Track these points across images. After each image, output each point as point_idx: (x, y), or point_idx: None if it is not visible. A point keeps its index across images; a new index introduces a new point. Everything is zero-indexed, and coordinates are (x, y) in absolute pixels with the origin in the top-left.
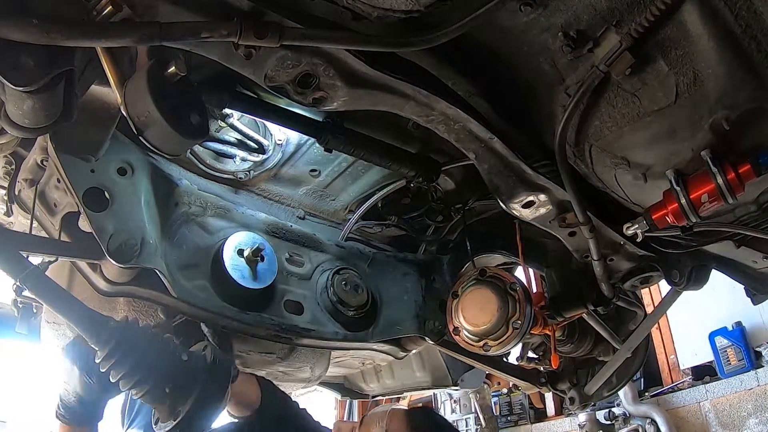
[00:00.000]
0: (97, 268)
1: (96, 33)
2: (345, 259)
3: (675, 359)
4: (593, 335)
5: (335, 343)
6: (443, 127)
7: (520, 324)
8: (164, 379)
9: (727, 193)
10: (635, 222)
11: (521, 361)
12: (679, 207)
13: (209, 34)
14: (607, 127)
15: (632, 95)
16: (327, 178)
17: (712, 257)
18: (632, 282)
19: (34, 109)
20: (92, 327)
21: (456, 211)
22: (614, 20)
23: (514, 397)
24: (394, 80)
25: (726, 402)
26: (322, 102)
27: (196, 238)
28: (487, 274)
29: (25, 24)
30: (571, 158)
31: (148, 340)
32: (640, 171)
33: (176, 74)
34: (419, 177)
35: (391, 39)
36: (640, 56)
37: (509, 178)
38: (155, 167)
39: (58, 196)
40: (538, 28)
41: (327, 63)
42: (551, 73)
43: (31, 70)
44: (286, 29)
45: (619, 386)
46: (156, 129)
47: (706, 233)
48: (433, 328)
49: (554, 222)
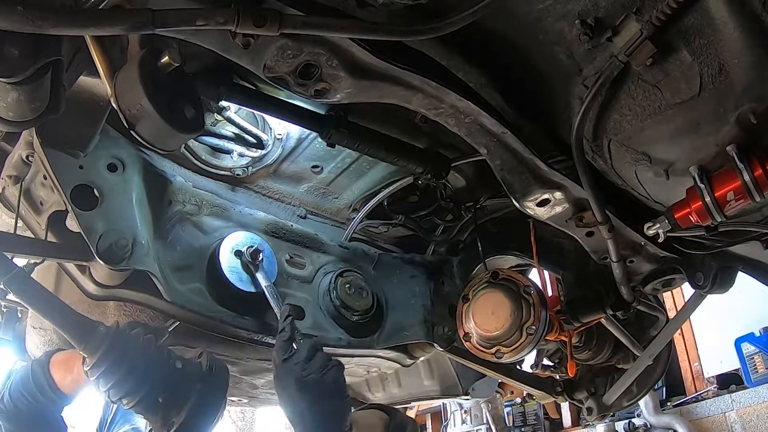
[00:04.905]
0: (85, 270)
1: (85, 21)
2: (349, 261)
3: (699, 367)
4: (612, 341)
5: (339, 349)
6: (453, 120)
7: (535, 330)
8: (157, 388)
9: (754, 191)
10: (657, 221)
11: (536, 369)
12: (704, 205)
13: (205, 21)
14: (626, 121)
15: (653, 87)
16: (330, 174)
17: (738, 259)
18: (653, 285)
19: (19, 101)
20: (81, 333)
21: (467, 210)
22: (634, 7)
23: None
24: (401, 71)
25: (753, 412)
26: (325, 94)
27: (190, 238)
28: (499, 277)
29: (10, 11)
30: (589, 153)
31: (139, 347)
32: (662, 167)
33: (170, 64)
34: (428, 173)
35: (398, 27)
36: (662, 45)
37: (523, 175)
38: (147, 163)
39: (45, 193)
40: (554, 15)
41: (330, 52)
42: (567, 64)
43: (16, 60)
44: (286, 17)
45: (639, 396)
46: (148, 123)
47: (731, 233)
48: (443, 333)
49: (571, 221)
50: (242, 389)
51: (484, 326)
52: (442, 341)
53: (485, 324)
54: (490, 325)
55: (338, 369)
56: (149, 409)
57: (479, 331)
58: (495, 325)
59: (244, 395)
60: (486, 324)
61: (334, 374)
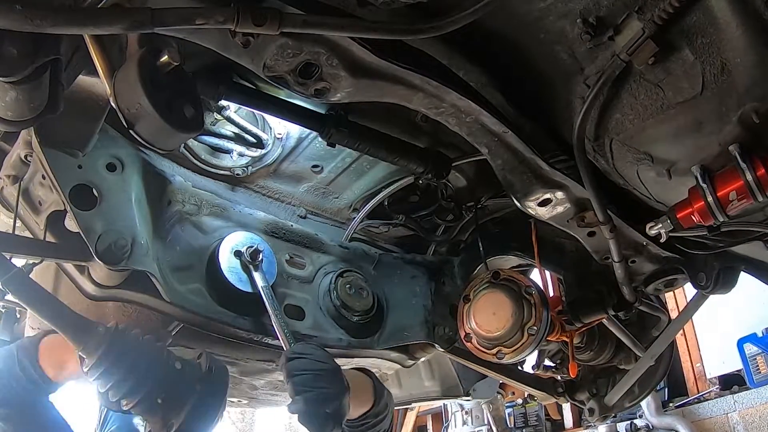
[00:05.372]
0: (84, 270)
1: (84, 20)
2: (349, 261)
3: (701, 367)
4: (614, 342)
5: (339, 350)
6: (454, 119)
7: (536, 330)
8: (156, 389)
9: (756, 191)
10: (659, 221)
11: (537, 370)
12: (706, 205)
13: (204, 20)
14: (628, 120)
15: (655, 86)
16: (330, 174)
17: (741, 259)
18: (655, 285)
19: (18, 100)
20: (80, 333)
21: (467, 210)
22: (636, 6)
23: (529, 408)
24: (402, 70)
25: (755, 413)
26: (325, 93)
27: (190, 238)
28: (500, 277)
29: (8, 10)
30: (591, 153)
31: (139, 348)
32: (664, 167)
33: (169, 64)
34: (428, 173)
35: (398, 26)
36: (664, 44)
37: (524, 175)
38: (147, 163)
39: (43, 193)
40: (555, 14)
41: (330, 52)
42: (569, 63)
43: (15, 60)
44: (286, 16)
45: (641, 396)
46: (147, 122)
47: (734, 233)
48: (443, 334)
49: (572, 221)
50: (242, 390)
51: (486, 327)
52: (442, 342)
53: (486, 324)
54: (491, 325)
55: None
56: (148, 411)
57: (480, 332)
58: (496, 326)
59: (244, 396)
60: (487, 324)
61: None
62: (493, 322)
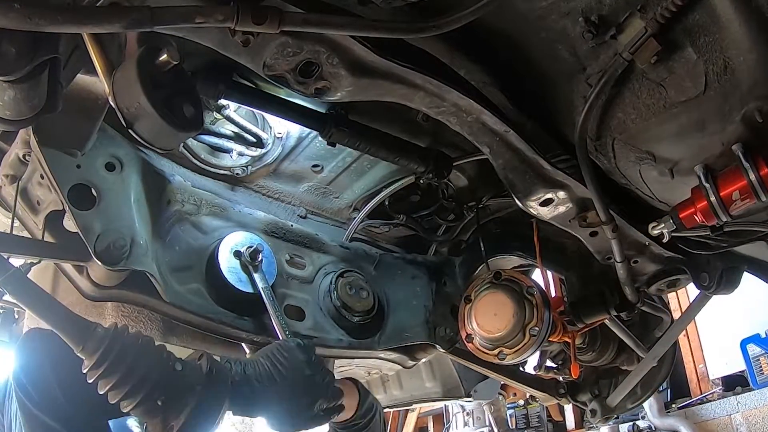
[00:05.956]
0: (83, 270)
1: (82, 18)
2: (349, 261)
3: (704, 368)
4: (616, 343)
5: (339, 350)
6: (455, 119)
7: (538, 331)
8: (156, 391)
9: (760, 190)
10: (661, 221)
11: (539, 371)
12: (709, 205)
13: (204, 19)
14: (631, 120)
15: (658, 85)
16: (330, 173)
17: (744, 259)
18: (658, 285)
19: (16, 99)
20: (78, 334)
21: (469, 210)
22: (639, 5)
23: (531, 409)
24: (403, 69)
25: (759, 414)
26: (325, 92)
27: (189, 238)
28: (502, 277)
29: (6, 8)
30: (593, 153)
31: (138, 349)
32: (666, 166)
33: (168, 62)
34: (429, 173)
35: (399, 25)
36: (667, 43)
37: (526, 174)
38: (146, 162)
39: (42, 193)
40: (557, 13)
41: (330, 50)
42: (571, 62)
43: (13, 58)
44: (286, 14)
45: (643, 398)
46: (147, 121)
47: (737, 233)
48: (444, 335)
49: (574, 221)
50: None
51: (487, 327)
52: (443, 342)
53: (488, 325)
54: (492, 326)
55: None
56: (148, 412)
57: (482, 332)
58: (497, 326)
59: None
60: (488, 325)
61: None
62: (495, 322)
